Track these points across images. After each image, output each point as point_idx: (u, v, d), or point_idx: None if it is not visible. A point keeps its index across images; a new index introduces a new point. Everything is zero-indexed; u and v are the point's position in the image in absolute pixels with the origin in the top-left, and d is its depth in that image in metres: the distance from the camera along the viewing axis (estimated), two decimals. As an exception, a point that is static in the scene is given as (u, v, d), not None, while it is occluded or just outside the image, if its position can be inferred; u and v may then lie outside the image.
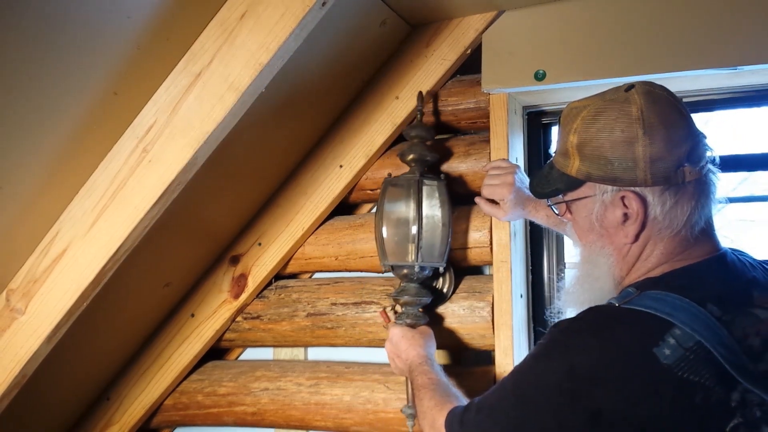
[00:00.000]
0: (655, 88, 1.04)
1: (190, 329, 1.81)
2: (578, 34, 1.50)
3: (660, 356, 0.87)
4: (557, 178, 1.09)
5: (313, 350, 1.84)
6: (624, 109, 1.00)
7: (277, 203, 1.77)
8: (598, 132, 1.01)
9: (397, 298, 1.54)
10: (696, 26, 1.41)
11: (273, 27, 1.13)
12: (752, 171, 1.62)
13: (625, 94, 1.03)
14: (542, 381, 0.94)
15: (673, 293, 0.94)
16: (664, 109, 1.01)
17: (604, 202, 1.03)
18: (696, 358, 0.87)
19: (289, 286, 1.81)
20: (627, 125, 0.99)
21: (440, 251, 1.54)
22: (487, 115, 1.62)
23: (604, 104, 1.03)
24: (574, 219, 1.12)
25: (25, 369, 1.31)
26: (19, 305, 1.30)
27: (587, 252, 1.10)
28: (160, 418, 1.89)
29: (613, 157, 1.00)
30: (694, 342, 0.88)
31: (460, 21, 1.60)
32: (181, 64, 1.20)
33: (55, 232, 1.29)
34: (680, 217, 1.00)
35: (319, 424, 1.71)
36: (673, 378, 0.86)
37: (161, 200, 1.23)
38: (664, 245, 1.02)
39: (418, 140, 1.57)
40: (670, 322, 0.90)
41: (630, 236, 1.02)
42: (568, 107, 1.10)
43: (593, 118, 1.03)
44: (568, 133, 1.05)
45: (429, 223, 1.53)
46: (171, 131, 1.20)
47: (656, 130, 0.98)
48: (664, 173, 0.98)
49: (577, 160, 1.04)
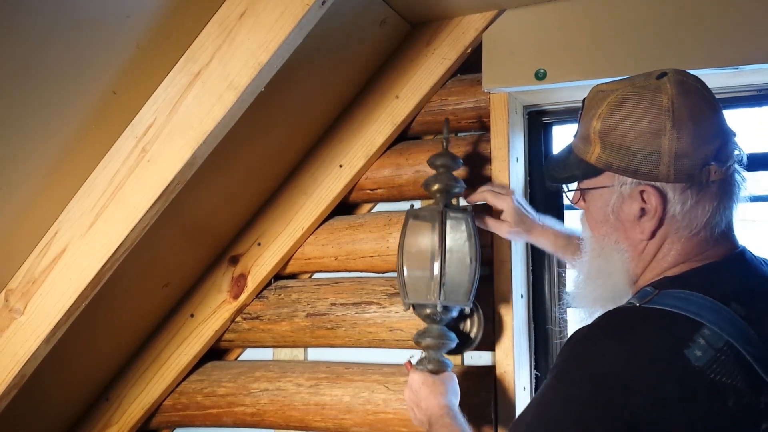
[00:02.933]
0: (689, 78, 0.99)
1: (190, 329, 1.81)
2: (579, 33, 1.50)
3: (691, 358, 0.82)
4: (575, 163, 1.04)
5: (312, 351, 1.84)
6: (654, 99, 0.95)
7: (277, 203, 1.77)
8: (624, 120, 0.96)
9: (419, 341, 1.41)
10: (697, 25, 1.41)
11: (272, 26, 1.12)
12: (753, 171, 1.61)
13: (657, 81, 0.97)
14: (569, 397, 0.87)
15: (695, 292, 0.89)
16: (695, 102, 0.96)
17: (622, 194, 0.98)
18: (727, 359, 0.83)
19: (289, 287, 1.81)
20: (655, 115, 0.94)
21: (466, 290, 1.40)
22: (488, 114, 1.62)
23: (633, 90, 0.97)
24: (587, 208, 1.07)
25: (24, 369, 1.31)
26: (18, 305, 1.29)
27: (599, 245, 1.04)
28: (160, 419, 1.89)
29: (636, 147, 0.94)
30: (724, 342, 0.83)
31: (460, 20, 1.60)
32: (180, 64, 1.20)
33: (53, 232, 1.28)
34: (700, 218, 0.95)
35: (318, 424, 1.70)
36: (706, 381, 0.81)
37: (160, 200, 1.23)
38: (682, 245, 0.97)
39: (444, 170, 1.47)
40: (698, 322, 0.85)
41: (646, 232, 0.98)
42: (594, 89, 1.04)
43: (620, 104, 0.97)
44: (592, 118, 0.99)
45: (453, 259, 1.40)
46: (170, 130, 1.20)
47: (685, 124, 0.93)
48: (689, 170, 0.93)
49: (598, 147, 0.98)
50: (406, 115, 1.67)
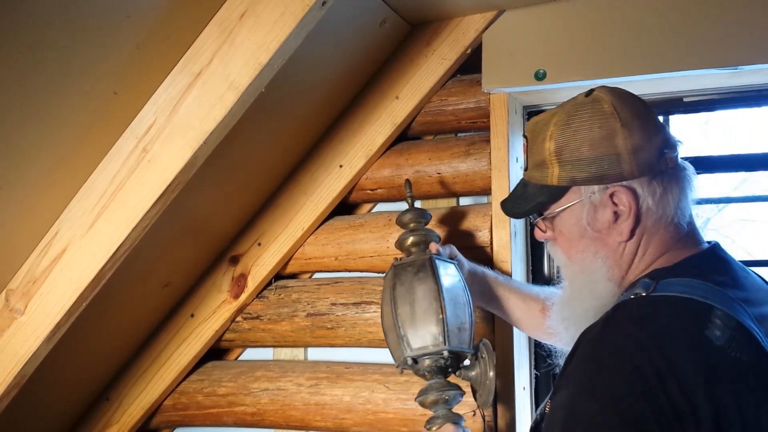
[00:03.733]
0: (615, 87, 1.05)
1: (190, 329, 1.81)
2: (579, 34, 1.50)
3: (712, 338, 0.83)
4: (536, 192, 1.06)
5: (312, 350, 1.84)
6: (596, 107, 1.00)
7: (277, 203, 1.77)
8: (575, 133, 1.00)
9: (423, 400, 1.24)
10: (696, 26, 1.41)
11: (272, 26, 1.12)
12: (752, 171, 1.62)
13: (590, 96, 1.03)
14: (612, 396, 0.82)
15: (693, 279, 0.91)
16: (632, 101, 1.02)
17: (593, 203, 1.01)
18: (741, 337, 0.84)
19: (289, 287, 1.81)
20: (603, 121, 0.99)
21: (469, 334, 1.27)
22: (488, 114, 1.62)
23: (573, 108, 1.03)
24: (560, 233, 1.07)
25: (24, 369, 1.31)
26: (18, 305, 1.29)
27: (579, 264, 1.05)
28: (160, 419, 1.89)
29: (595, 155, 0.99)
30: (735, 322, 0.84)
31: (460, 20, 1.60)
32: (180, 64, 1.20)
33: (54, 232, 1.28)
34: (671, 204, 0.99)
35: (319, 424, 1.71)
36: (730, 359, 0.82)
37: (161, 200, 1.23)
38: (660, 236, 1.00)
39: (415, 224, 1.37)
40: (709, 305, 0.86)
41: (625, 233, 1.00)
42: (531, 122, 1.09)
43: (567, 122, 1.02)
44: (543, 142, 1.04)
45: (451, 304, 1.26)
46: (170, 131, 1.20)
47: (632, 121, 0.99)
48: (649, 162, 0.98)
49: (556, 167, 1.02)
50: (406, 115, 1.67)
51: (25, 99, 1.08)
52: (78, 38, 1.06)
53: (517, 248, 1.60)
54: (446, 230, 1.64)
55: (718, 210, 2.84)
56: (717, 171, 1.61)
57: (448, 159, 1.67)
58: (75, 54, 1.08)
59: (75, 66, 1.09)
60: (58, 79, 1.09)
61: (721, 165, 1.59)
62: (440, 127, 1.72)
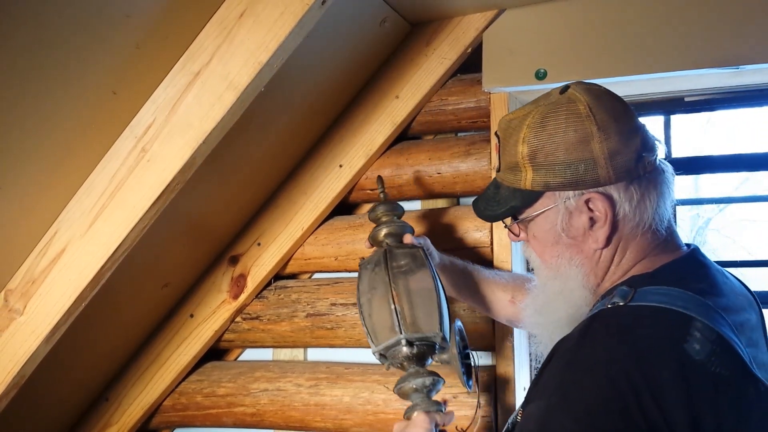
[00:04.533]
0: (591, 85, 1.00)
1: (189, 330, 1.81)
2: (579, 33, 1.50)
3: (692, 352, 0.80)
4: (509, 196, 1.02)
5: (312, 351, 1.84)
6: (571, 109, 0.96)
7: (277, 203, 1.76)
8: (549, 137, 0.96)
9: (399, 390, 1.20)
10: (697, 25, 1.41)
11: (272, 26, 1.12)
12: (753, 171, 1.62)
13: (565, 95, 0.98)
14: (586, 410, 0.79)
15: (673, 287, 0.88)
16: (609, 102, 0.98)
17: (567, 209, 0.97)
18: (721, 351, 0.81)
19: (289, 287, 1.81)
20: (578, 124, 0.94)
21: (435, 319, 1.22)
22: (488, 114, 1.62)
23: (547, 109, 0.98)
24: (533, 237, 1.04)
25: (23, 370, 1.30)
26: (17, 305, 1.29)
27: (553, 269, 1.02)
28: (159, 419, 1.88)
29: (570, 159, 0.94)
30: (716, 335, 0.82)
31: (460, 20, 1.59)
32: (179, 63, 1.19)
33: (53, 233, 1.28)
34: (649, 210, 0.95)
35: (318, 424, 1.70)
36: (709, 374, 0.79)
37: (160, 200, 1.22)
38: (637, 242, 0.97)
39: (387, 217, 1.36)
40: (689, 316, 0.83)
41: (600, 241, 0.96)
42: (503, 120, 1.05)
43: (540, 123, 0.97)
44: (516, 144, 0.99)
45: (412, 291, 1.23)
46: (170, 131, 1.20)
47: (609, 124, 0.94)
48: (626, 166, 0.94)
49: (529, 171, 0.98)
50: (406, 114, 1.67)
51: (24, 98, 1.08)
52: (77, 38, 1.06)
53: (517, 248, 1.60)
54: (446, 230, 1.63)
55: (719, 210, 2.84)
56: (718, 171, 1.61)
57: (448, 159, 1.66)
58: (74, 53, 1.07)
59: (74, 66, 1.09)
60: (57, 79, 1.09)
61: (722, 165, 1.59)
62: (440, 127, 1.71)
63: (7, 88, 1.04)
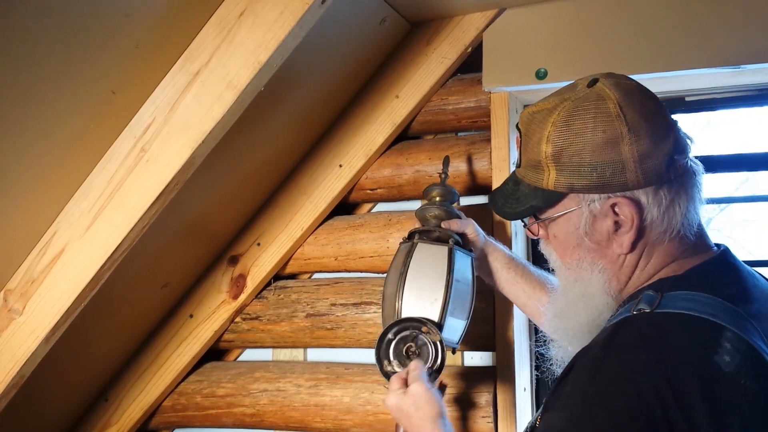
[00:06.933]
0: (621, 78, 0.94)
1: (189, 330, 1.81)
2: (580, 32, 1.49)
3: (721, 364, 0.76)
4: (529, 194, 0.97)
5: (312, 351, 1.83)
6: (600, 107, 0.90)
7: (276, 203, 1.76)
8: (575, 137, 0.90)
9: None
10: (698, 25, 1.41)
11: (272, 25, 1.12)
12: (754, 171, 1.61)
13: (593, 90, 0.92)
14: (608, 426, 0.75)
15: (701, 293, 0.84)
16: (640, 99, 0.91)
17: (592, 212, 0.92)
18: (752, 362, 0.77)
19: (289, 287, 1.81)
20: (608, 124, 0.88)
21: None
22: (488, 114, 1.62)
23: (574, 104, 0.92)
24: (554, 237, 0.99)
25: (22, 370, 1.30)
26: (16, 306, 1.29)
27: (574, 272, 0.97)
28: (159, 420, 1.88)
29: (597, 162, 0.89)
30: (745, 345, 0.78)
31: (460, 19, 1.59)
32: (179, 63, 1.19)
33: (52, 233, 1.28)
34: (678, 216, 0.90)
35: (318, 425, 1.70)
36: (738, 387, 0.75)
37: (159, 200, 1.22)
38: (664, 248, 0.92)
39: (441, 198, 1.41)
40: (720, 325, 0.79)
41: (625, 246, 0.91)
42: (526, 112, 0.98)
43: (566, 121, 0.91)
44: (539, 142, 0.93)
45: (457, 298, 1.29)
46: (169, 130, 1.19)
47: (640, 125, 0.88)
48: (656, 170, 0.88)
49: (553, 171, 0.92)
50: (406, 114, 1.66)
51: (23, 98, 1.07)
52: (77, 37, 1.05)
53: (517, 249, 1.59)
54: (446, 230, 1.63)
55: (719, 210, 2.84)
56: (719, 171, 1.60)
57: (448, 159, 1.66)
58: (73, 53, 1.07)
59: (74, 65, 1.09)
60: (57, 79, 1.09)
61: (722, 165, 1.58)
62: (440, 127, 1.71)
63: (7, 87, 1.04)
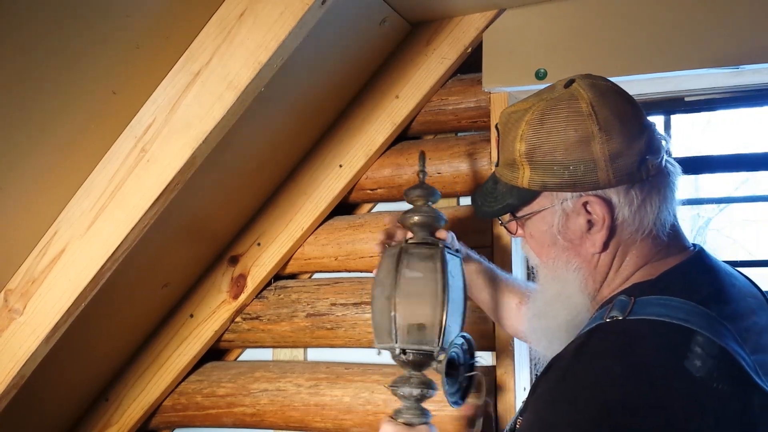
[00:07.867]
0: (597, 79, 0.95)
1: (189, 330, 1.81)
2: (580, 33, 1.49)
3: (692, 369, 0.77)
4: (506, 192, 0.99)
5: (312, 351, 1.84)
6: (573, 106, 0.91)
7: (277, 203, 1.76)
8: (548, 135, 0.92)
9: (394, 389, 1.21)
10: (697, 25, 1.41)
11: (272, 25, 1.12)
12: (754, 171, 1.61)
13: (568, 90, 0.94)
14: (574, 429, 0.77)
15: (673, 296, 0.85)
16: (614, 100, 0.93)
17: (564, 211, 0.93)
18: (723, 365, 0.78)
19: (289, 287, 1.81)
20: (579, 123, 0.90)
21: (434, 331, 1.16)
22: (488, 114, 1.62)
23: (548, 104, 0.93)
24: (530, 235, 1.00)
25: (23, 370, 1.31)
26: (17, 305, 1.29)
27: (551, 270, 0.99)
28: (159, 419, 1.88)
29: (569, 160, 0.90)
30: (718, 348, 0.78)
31: (460, 19, 1.59)
32: (179, 63, 1.19)
33: (53, 233, 1.28)
34: (650, 215, 0.91)
35: (318, 425, 1.70)
36: (710, 391, 0.76)
37: (160, 200, 1.22)
38: (637, 248, 0.93)
39: (422, 201, 1.29)
40: (690, 329, 0.80)
41: (597, 245, 0.93)
42: (504, 113, 1.01)
43: (540, 120, 0.93)
44: (514, 141, 0.95)
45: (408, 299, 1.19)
46: (169, 130, 1.19)
47: (612, 124, 0.90)
48: (628, 170, 0.90)
49: (527, 169, 0.94)
50: (406, 114, 1.66)
51: (24, 98, 1.08)
52: (77, 37, 1.06)
53: (517, 249, 1.59)
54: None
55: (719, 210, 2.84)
56: (718, 171, 1.60)
57: (448, 159, 1.66)
58: (74, 53, 1.07)
59: (74, 65, 1.09)
60: (57, 79, 1.09)
61: (722, 165, 1.58)
62: (440, 127, 1.71)
63: (7, 87, 1.04)
